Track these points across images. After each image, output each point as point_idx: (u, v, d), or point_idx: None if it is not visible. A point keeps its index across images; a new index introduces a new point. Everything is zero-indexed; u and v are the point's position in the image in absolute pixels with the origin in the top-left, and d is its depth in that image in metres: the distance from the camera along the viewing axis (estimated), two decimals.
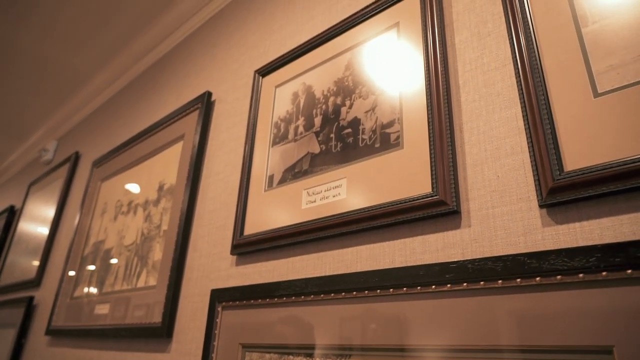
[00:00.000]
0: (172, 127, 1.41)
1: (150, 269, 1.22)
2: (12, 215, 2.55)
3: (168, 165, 1.35)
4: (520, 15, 0.68)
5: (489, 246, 0.61)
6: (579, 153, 0.56)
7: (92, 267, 1.51)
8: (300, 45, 1.05)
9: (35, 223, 2.16)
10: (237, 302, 0.89)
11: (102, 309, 1.33)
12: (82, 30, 1.91)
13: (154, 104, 1.66)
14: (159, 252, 1.22)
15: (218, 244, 1.05)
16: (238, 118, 1.19)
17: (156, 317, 1.09)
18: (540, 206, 0.57)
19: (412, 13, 0.84)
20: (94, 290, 1.43)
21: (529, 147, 0.61)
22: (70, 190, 2.00)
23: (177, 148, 1.34)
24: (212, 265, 1.04)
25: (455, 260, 0.61)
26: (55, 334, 1.51)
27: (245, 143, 1.07)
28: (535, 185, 0.58)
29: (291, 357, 0.76)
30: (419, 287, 0.63)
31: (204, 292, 1.02)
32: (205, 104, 1.29)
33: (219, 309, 0.92)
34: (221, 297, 0.93)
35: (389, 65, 0.85)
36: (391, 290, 0.66)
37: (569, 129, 0.58)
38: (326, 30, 1.00)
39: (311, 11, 1.12)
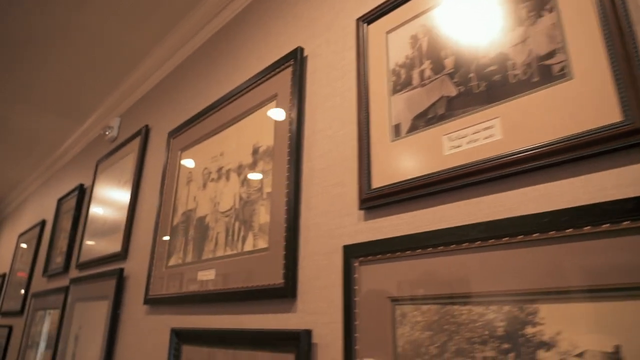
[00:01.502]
0: (261, 88, 1.37)
1: (257, 232, 1.21)
2: (82, 193, 2.61)
3: (261, 127, 1.32)
4: None
5: None
6: None
7: (185, 236, 1.52)
8: None
9: (110, 199, 2.20)
10: (379, 256, 0.86)
11: (206, 275, 1.33)
12: None
13: (229, 69, 1.62)
14: (265, 215, 1.20)
15: (336, 202, 1.02)
16: (340, 71, 1.13)
17: (275, 278, 1.08)
18: None
19: None
20: (191, 257, 1.44)
21: None
22: (145, 163, 2.01)
23: (270, 109, 1.31)
24: (333, 222, 1.01)
25: None
26: (154, 302, 1.54)
27: (359, 95, 1.02)
28: None
29: (457, 306, 0.73)
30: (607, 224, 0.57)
31: (327, 250, 1.00)
32: (299, 61, 1.23)
33: (356, 264, 0.90)
34: (356, 253, 0.90)
35: None
36: (568, 230, 0.61)
37: None
38: None
39: None
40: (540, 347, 0.63)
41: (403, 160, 0.89)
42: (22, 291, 3.11)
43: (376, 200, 0.91)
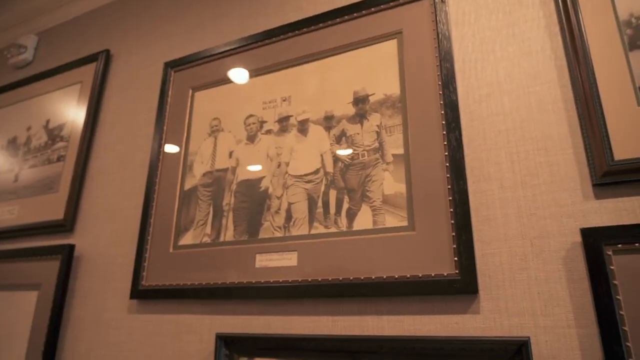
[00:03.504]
0: (369, 20, 1.05)
1: (378, 205, 0.91)
2: None
3: (370, 70, 1.01)
4: None
5: None
6: None
7: (214, 205, 1.10)
8: None
9: (22, 143, 1.53)
10: None
11: (276, 261, 0.96)
12: None
13: None
14: (393, 184, 0.91)
15: (541, 172, 0.80)
16: (516, 16, 0.91)
17: (439, 268, 0.80)
18: None
19: None
20: (233, 235, 1.04)
21: None
22: (104, 101, 1.44)
23: (387, 49, 1.01)
24: (539, 199, 0.79)
25: None
26: (154, 296, 1.07)
27: (572, 47, 0.82)
28: None
29: None
30: None
31: (532, 232, 0.77)
32: None
33: (609, 252, 0.70)
34: (609, 236, 0.70)
35: None
36: None
37: None
38: None
39: None
40: None
41: None
42: None
43: (622, 175, 0.73)
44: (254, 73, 1.17)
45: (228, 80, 1.21)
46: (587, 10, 0.84)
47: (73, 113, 1.46)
